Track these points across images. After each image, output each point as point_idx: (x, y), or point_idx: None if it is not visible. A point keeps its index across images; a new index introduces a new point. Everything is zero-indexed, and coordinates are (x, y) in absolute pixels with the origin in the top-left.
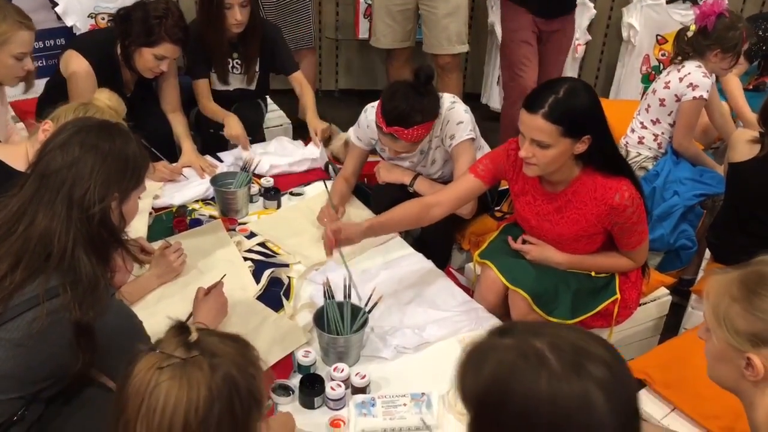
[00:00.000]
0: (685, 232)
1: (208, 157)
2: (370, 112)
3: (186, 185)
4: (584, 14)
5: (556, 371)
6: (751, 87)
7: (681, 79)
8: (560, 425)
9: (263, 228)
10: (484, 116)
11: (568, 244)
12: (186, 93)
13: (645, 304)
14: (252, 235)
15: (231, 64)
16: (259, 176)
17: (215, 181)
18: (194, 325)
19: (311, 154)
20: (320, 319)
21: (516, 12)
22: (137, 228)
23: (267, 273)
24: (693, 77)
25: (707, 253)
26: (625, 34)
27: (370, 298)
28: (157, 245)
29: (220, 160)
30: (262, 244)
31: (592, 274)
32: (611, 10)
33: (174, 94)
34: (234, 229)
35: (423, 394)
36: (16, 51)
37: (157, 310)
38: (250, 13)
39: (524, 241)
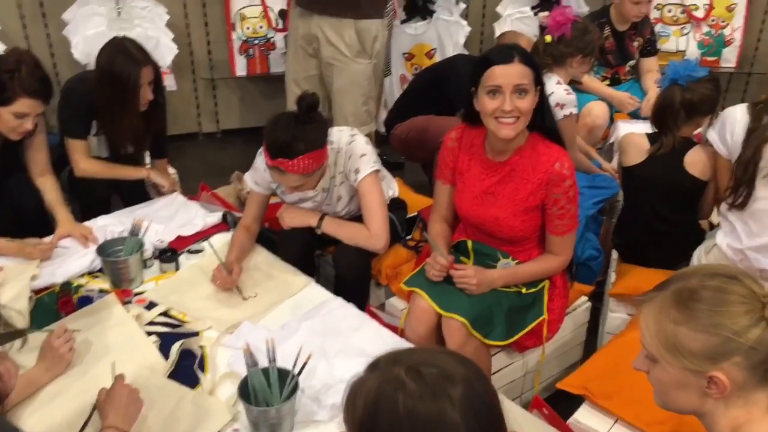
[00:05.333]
0: (590, 242)
1: (89, 223)
2: None
3: (67, 259)
4: (460, 32)
5: (412, 392)
6: (608, 77)
7: None
8: None
9: (163, 295)
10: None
11: (507, 221)
12: (54, 154)
13: (568, 313)
14: (152, 305)
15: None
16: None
17: (102, 250)
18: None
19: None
20: (245, 391)
21: None
22: (15, 317)
23: (176, 346)
24: (557, 96)
25: (614, 254)
26: None
27: (297, 358)
28: (44, 335)
29: None
30: (165, 314)
31: (522, 290)
32: (483, 26)
33: (43, 155)
34: (130, 302)
35: None
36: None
37: (53, 410)
38: (155, 90)
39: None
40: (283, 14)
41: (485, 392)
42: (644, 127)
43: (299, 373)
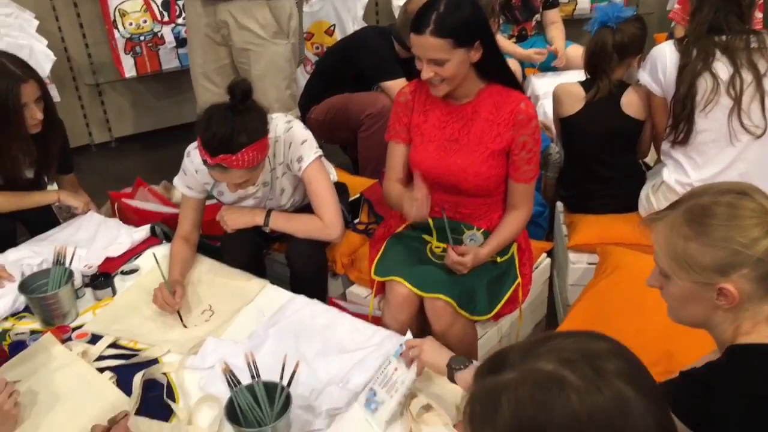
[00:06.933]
0: (535, 198)
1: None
2: (194, 154)
3: None
4: (357, 4)
5: (581, 386)
6: (516, 35)
7: None
8: None
9: (106, 325)
10: None
11: (473, 167)
12: None
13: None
14: (96, 338)
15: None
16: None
17: (24, 287)
18: None
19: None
20: (232, 414)
21: None
22: None
23: (138, 378)
24: None
25: (560, 206)
26: None
27: (284, 368)
28: None
29: None
30: (114, 345)
31: (497, 260)
32: None
33: None
34: (70, 338)
35: (400, 345)
36: None
37: None
38: (45, 107)
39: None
40: (167, 5)
41: (631, 354)
42: (559, 79)
43: (289, 383)
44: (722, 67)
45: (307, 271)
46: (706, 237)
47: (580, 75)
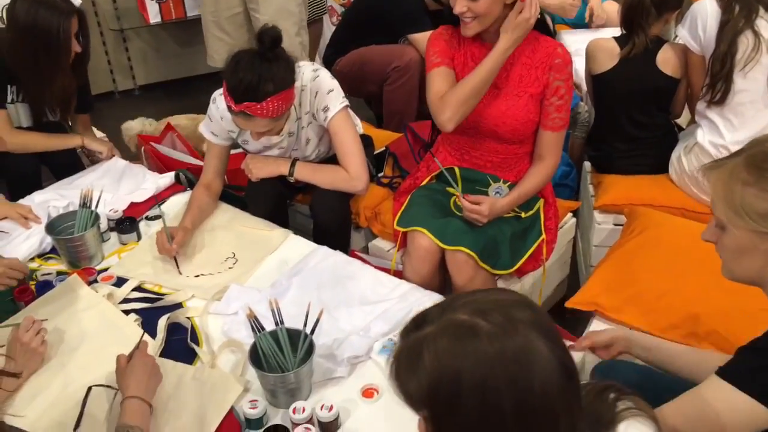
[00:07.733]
0: (561, 158)
1: (25, 201)
2: (220, 100)
3: (10, 243)
4: None
5: (491, 331)
6: None
7: None
8: (518, 380)
9: (131, 268)
10: None
11: (511, 110)
12: None
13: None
14: (121, 281)
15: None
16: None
17: (51, 228)
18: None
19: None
20: (256, 359)
21: None
22: None
23: (162, 321)
24: None
25: (587, 166)
26: None
27: (307, 316)
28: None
29: None
30: (139, 288)
31: (522, 215)
32: None
33: None
34: (96, 281)
35: None
36: None
37: (36, 408)
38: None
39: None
40: None
41: (536, 305)
42: (591, 36)
43: (312, 331)
44: (765, 25)
45: (330, 222)
46: (765, 183)
47: (613, 33)
